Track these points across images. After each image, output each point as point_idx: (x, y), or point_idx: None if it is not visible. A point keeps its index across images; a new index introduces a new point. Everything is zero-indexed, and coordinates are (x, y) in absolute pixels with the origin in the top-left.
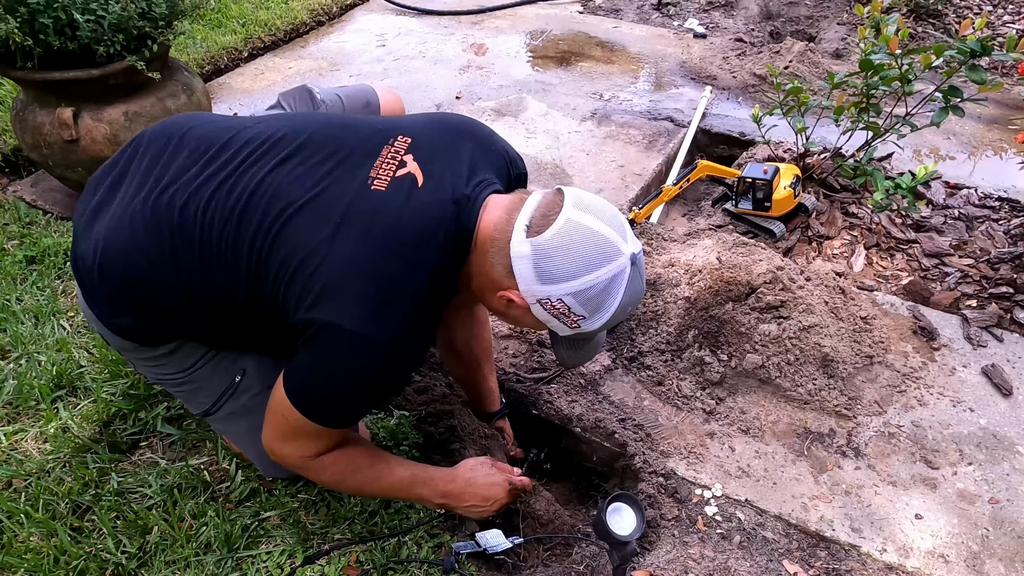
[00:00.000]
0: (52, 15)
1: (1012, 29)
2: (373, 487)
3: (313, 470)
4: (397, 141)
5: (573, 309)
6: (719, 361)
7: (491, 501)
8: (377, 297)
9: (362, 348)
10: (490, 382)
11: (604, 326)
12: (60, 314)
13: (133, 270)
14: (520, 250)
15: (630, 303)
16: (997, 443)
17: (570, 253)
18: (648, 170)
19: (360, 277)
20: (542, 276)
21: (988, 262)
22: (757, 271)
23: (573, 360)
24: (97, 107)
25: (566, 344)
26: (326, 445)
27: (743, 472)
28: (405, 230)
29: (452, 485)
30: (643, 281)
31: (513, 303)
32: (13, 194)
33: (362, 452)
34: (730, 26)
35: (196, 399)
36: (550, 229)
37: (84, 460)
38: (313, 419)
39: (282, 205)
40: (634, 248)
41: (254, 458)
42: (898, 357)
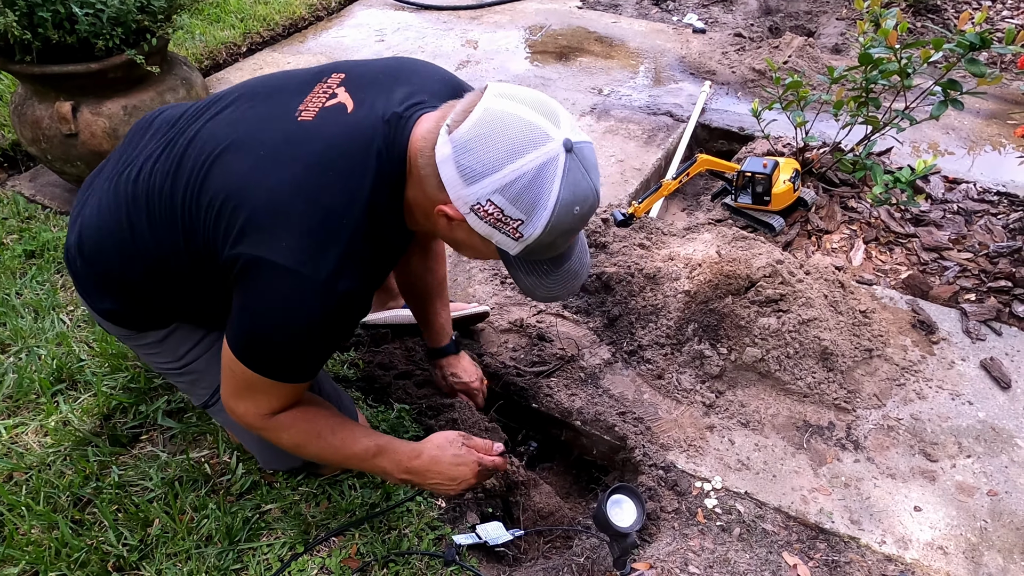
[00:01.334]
0: (51, 8)
1: (1011, 24)
2: (335, 455)
3: (271, 431)
4: (331, 77)
5: (506, 211)
6: (719, 355)
7: (458, 481)
8: (308, 228)
9: (292, 285)
10: (441, 317)
11: (549, 233)
12: (60, 308)
13: (101, 251)
14: (443, 152)
15: (575, 202)
16: (996, 436)
17: (489, 143)
18: (647, 165)
19: (287, 207)
20: (465, 175)
21: (987, 256)
22: (757, 265)
23: (542, 290)
24: (96, 101)
25: (525, 268)
26: (280, 402)
27: (743, 465)
28: (334, 156)
29: (417, 461)
30: (591, 177)
31: (451, 220)
32: (12, 189)
33: (324, 417)
34: (729, 21)
35: (196, 390)
36: (467, 120)
37: (85, 453)
38: (254, 368)
39: (210, 149)
40: (570, 135)
41: (254, 450)
42: (897, 350)
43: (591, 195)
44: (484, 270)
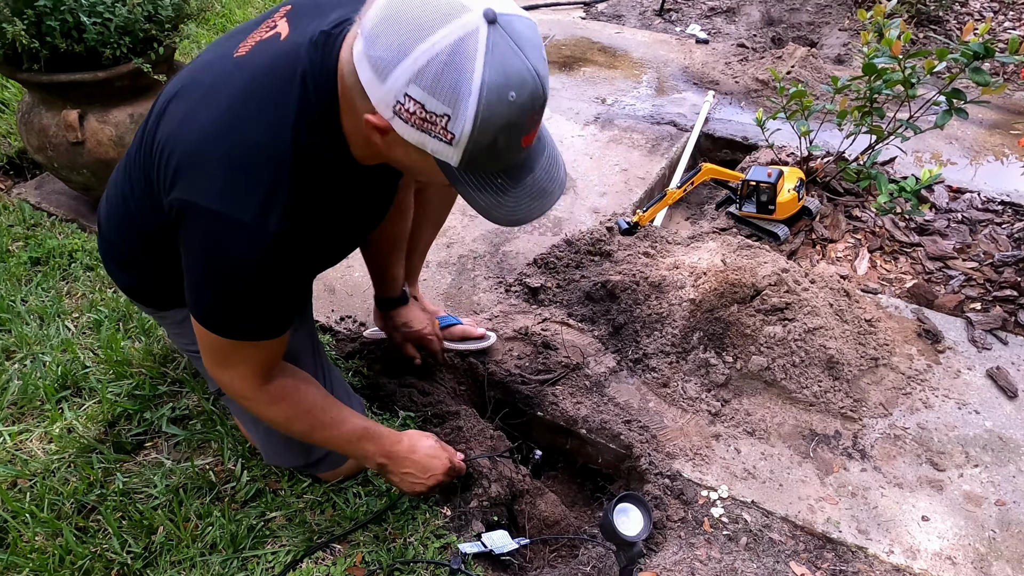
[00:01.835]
0: (59, 18)
1: (1013, 34)
2: (322, 433)
3: (260, 403)
4: (279, 11)
5: (428, 106)
6: (724, 363)
7: (428, 474)
8: (230, 166)
9: (220, 227)
10: (394, 268)
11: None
12: (65, 315)
13: (110, 227)
14: (357, 49)
15: (507, 84)
16: (1003, 445)
17: (394, 24)
18: (651, 174)
19: (212, 145)
20: (378, 69)
21: (992, 265)
22: (762, 273)
23: (500, 211)
24: (103, 109)
25: (475, 183)
26: (256, 366)
27: (749, 473)
28: (258, 87)
29: (397, 447)
30: (525, 55)
31: (382, 132)
32: (18, 196)
33: (314, 394)
34: (732, 32)
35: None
36: (372, 9)
37: (89, 460)
38: (209, 327)
39: (162, 101)
40: (494, 5)
41: (259, 444)
42: (903, 359)
43: (528, 77)
44: (488, 278)
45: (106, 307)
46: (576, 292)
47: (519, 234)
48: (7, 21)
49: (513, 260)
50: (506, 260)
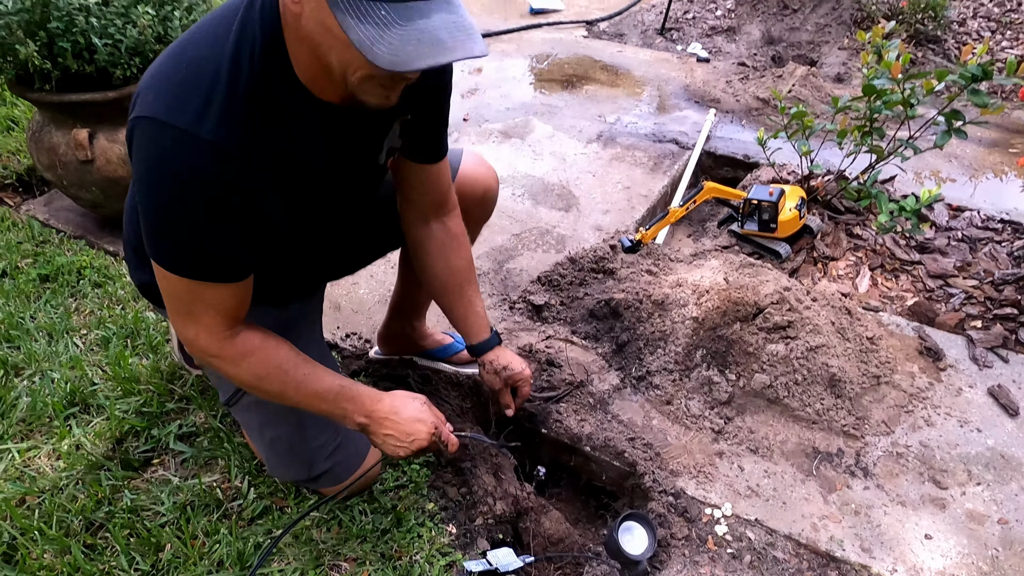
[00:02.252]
0: (71, 39)
1: (1011, 55)
2: (297, 392)
3: (227, 360)
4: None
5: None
6: (727, 381)
7: (411, 438)
8: (173, 81)
9: (159, 134)
10: (474, 306)
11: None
12: (73, 332)
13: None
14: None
15: None
16: (1005, 463)
17: None
18: (654, 191)
19: (160, 68)
20: None
21: (992, 283)
22: (764, 292)
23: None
24: (112, 128)
25: (354, 10)
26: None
27: (752, 491)
28: (210, 19)
29: (378, 406)
30: None
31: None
32: (27, 213)
33: (287, 351)
34: (732, 51)
35: (224, 383)
36: None
37: (97, 477)
38: (162, 263)
39: None
40: None
41: (263, 455)
42: (905, 377)
43: None
44: (493, 295)
45: (114, 324)
46: (580, 310)
47: (523, 251)
48: (20, 43)
49: (517, 277)
50: (510, 277)
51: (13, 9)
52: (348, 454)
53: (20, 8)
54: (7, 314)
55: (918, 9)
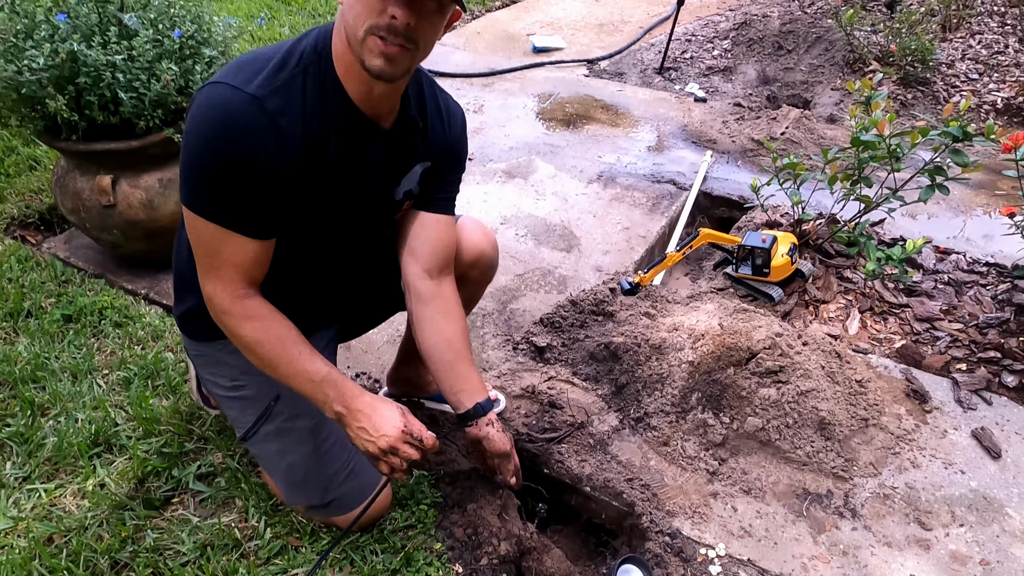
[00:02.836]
0: (98, 93)
1: (998, 97)
2: (287, 366)
3: (235, 318)
4: None
5: None
6: (721, 423)
7: (380, 434)
8: (238, 63)
9: (214, 95)
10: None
11: None
12: (96, 372)
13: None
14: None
15: None
16: (987, 505)
17: None
18: (652, 232)
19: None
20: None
21: (977, 327)
22: (757, 337)
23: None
24: (134, 174)
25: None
26: (236, 274)
27: (745, 532)
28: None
29: (356, 401)
30: None
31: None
32: (48, 251)
33: (287, 326)
34: (729, 90)
35: (243, 417)
36: None
37: (121, 517)
38: (194, 208)
39: None
40: None
41: (279, 484)
42: (892, 419)
43: None
44: (497, 336)
45: (135, 364)
46: (581, 351)
47: (526, 292)
48: (50, 97)
49: (520, 318)
50: (513, 318)
51: (44, 66)
52: (360, 481)
53: (51, 65)
54: (33, 354)
55: (907, 52)
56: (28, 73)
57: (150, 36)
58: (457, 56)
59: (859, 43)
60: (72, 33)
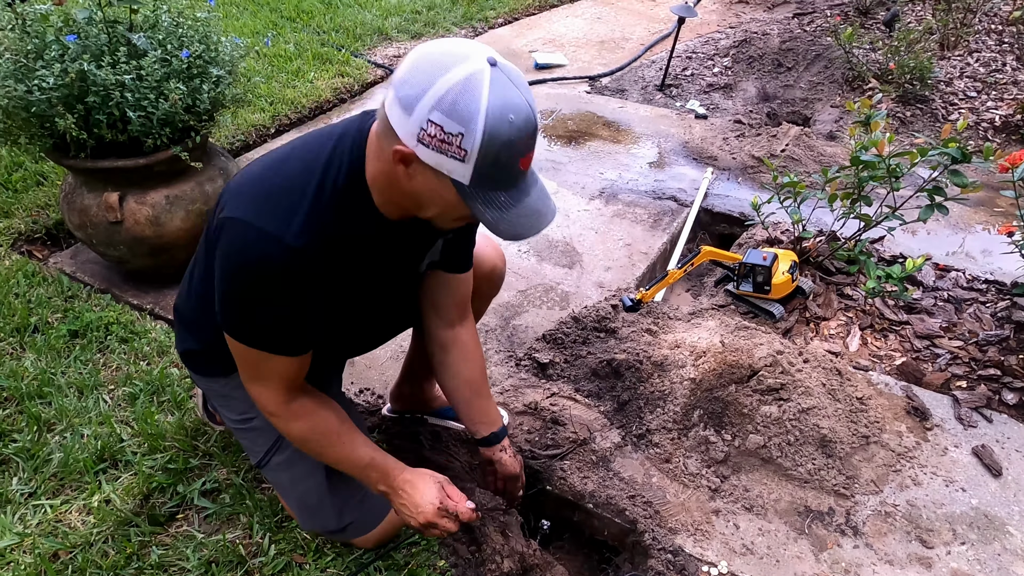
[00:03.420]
0: (107, 111)
1: (996, 115)
2: (334, 455)
3: (283, 419)
4: None
5: (446, 127)
6: (723, 440)
7: (419, 510)
8: (266, 191)
9: (248, 235)
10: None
11: (488, 140)
12: (102, 388)
13: (184, 297)
14: (387, 99)
15: (507, 108)
16: (988, 523)
17: (419, 70)
18: (653, 249)
19: (259, 176)
20: (405, 105)
21: (977, 344)
22: (758, 355)
23: (505, 225)
24: (141, 191)
25: (483, 199)
26: (282, 381)
27: (747, 549)
28: (306, 142)
29: (397, 480)
30: (520, 91)
31: (407, 161)
32: (55, 266)
33: (334, 419)
34: (729, 107)
35: (255, 447)
36: (399, 68)
37: (127, 533)
38: (240, 338)
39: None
40: (491, 54)
41: (295, 510)
42: (893, 437)
43: (523, 106)
44: (500, 352)
45: (141, 380)
46: (583, 368)
47: (528, 308)
48: (59, 116)
49: (523, 334)
50: (516, 334)
51: (54, 85)
52: (375, 503)
53: (60, 84)
54: (39, 370)
55: (906, 70)
56: (38, 92)
57: (158, 56)
58: None
59: (858, 61)
60: (82, 53)
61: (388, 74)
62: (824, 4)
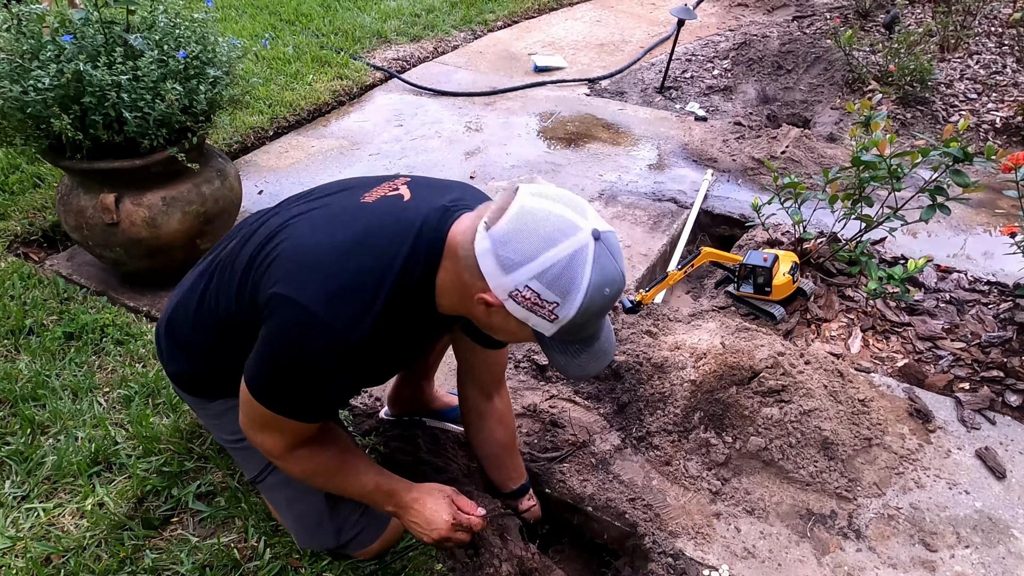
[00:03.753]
0: (103, 112)
1: (996, 116)
2: (337, 487)
3: (285, 462)
4: (399, 178)
5: (543, 296)
6: (724, 443)
7: (431, 527)
8: (339, 281)
9: (311, 326)
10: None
11: (583, 314)
12: (97, 390)
13: (180, 321)
14: (482, 245)
15: (604, 283)
16: (992, 526)
17: (525, 235)
18: (653, 251)
19: (326, 260)
20: (504, 265)
21: (979, 346)
22: (759, 356)
23: (574, 368)
24: (137, 193)
25: (558, 348)
26: (296, 437)
27: (749, 553)
28: (381, 228)
29: (406, 499)
30: (617, 261)
31: (490, 305)
32: (51, 269)
33: (336, 454)
34: (729, 109)
35: (249, 464)
36: (504, 217)
37: (120, 537)
38: (266, 405)
39: (284, 219)
40: (597, 225)
41: (292, 529)
42: (895, 439)
43: (618, 277)
44: None
45: (136, 382)
46: None
47: None
48: (55, 116)
49: None
50: None
51: (50, 85)
52: (375, 518)
53: (56, 84)
54: (34, 372)
55: (906, 72)
56: (33, 93)
57: (155, 56)
58: (459, 75)
59: (858, 63)
60: (78, 53)
61: (387, 77)
62: (823, 7)
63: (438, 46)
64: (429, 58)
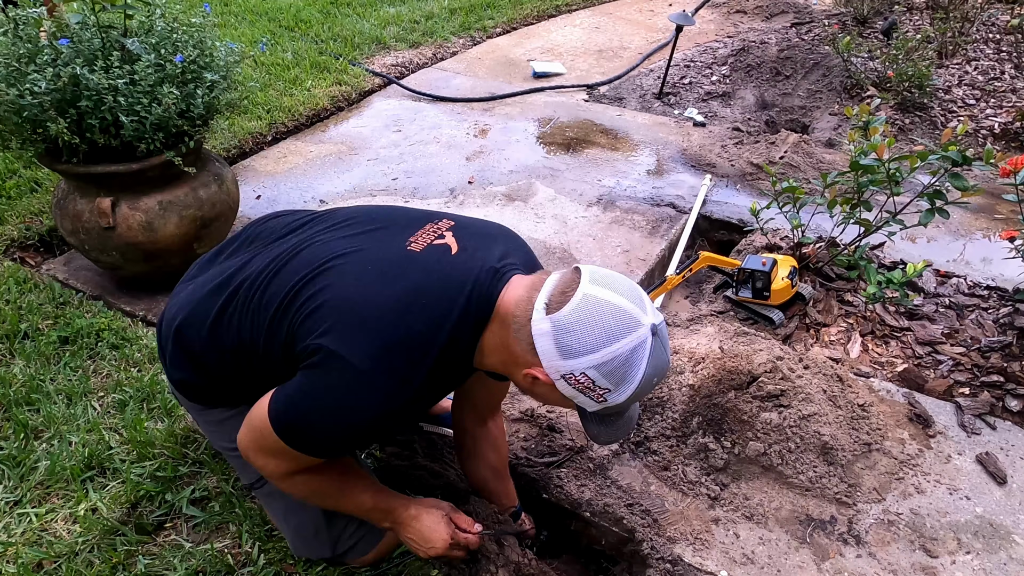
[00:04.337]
0: (99, 116)
1: (995, 122)
2: (334, 506)
3: (283, 484)
4: (441, 221)
5: (597, 382)
6: (723, 448)
7: (428, 545)
8: (391, 342)
9: (358, 384)
10: (507, 489)
11: (630, 399)
12: (91, 394)
13: (190, 332)
14: (541, 327)
15: (655, 374)
16: (993, 532)
17: (589, 327)
18: (652, 255)
19: (377, 318)
20: (563, 351)
21: (979, 350)
22: (758, 361)
23: (605, 436)
24: (134, 197)
25: (595, 420)
26: (298, 468)
27: (748, 559)
28: (432, 287)
29: (403, 515)
30: (667, 352)
31: (538, 380)
32: (47, 273)
33: (334, 478)
34: (727, 115)
35: (247, 471)
36: (568, 305)
37: (113, 542)
38: (286, 441)
39: (323, 257)
40: (655, 319)
41: (289, 538)
42: (895, 444)
43: (667, 367)
44: None
45: (131, 387)
46: None
47: None
48: (52, 120)
49: None
50: None
51: (46, 89)
52: (370, 529)
53: (53, 88)
54: (28, 376)
55: (905, 78)
56: (30, 96)
57: (152, 61)
58: (458, 81)
59: (856, 69)
60: (75, 57)
61: (386, 83)
62: (822, 13)
63: (437, 52)
64: (428, 64)
